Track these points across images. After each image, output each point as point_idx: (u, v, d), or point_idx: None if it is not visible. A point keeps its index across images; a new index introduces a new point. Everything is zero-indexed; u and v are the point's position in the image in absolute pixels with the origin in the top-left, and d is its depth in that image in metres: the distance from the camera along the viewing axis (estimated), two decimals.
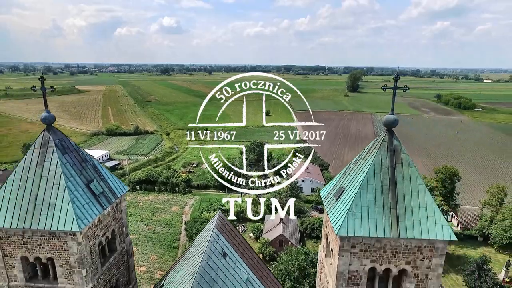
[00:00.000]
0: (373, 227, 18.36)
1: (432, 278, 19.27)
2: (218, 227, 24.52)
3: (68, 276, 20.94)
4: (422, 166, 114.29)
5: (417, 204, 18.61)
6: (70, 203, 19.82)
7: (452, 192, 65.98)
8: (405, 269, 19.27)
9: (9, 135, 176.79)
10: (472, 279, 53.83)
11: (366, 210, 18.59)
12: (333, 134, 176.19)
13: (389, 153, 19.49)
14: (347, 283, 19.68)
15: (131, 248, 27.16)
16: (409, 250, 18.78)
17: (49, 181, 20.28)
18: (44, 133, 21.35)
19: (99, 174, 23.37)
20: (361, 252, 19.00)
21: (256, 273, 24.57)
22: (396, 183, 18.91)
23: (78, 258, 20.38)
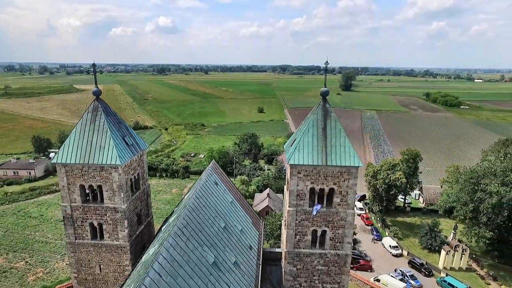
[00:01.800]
0: (310, 159, 28.73)
1: (350, 194, 29.74)
2: (212, 168, 34.88)
3: (111, 198, 31.11)
4: (400, 155, 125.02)
5: (339, 144, 29.01)
6: (114, 147, 29.99)
7: (415, 171, 76.69)
8: (333, 188, 29.70)
9: (14, 130, 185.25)
10: (425, 239, 64.58)
11: (306, 148, 28.97)
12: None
13: (323, 113, 29.90)
14: (296, 198, 30.07)
15: (149, 190, 37.37)
16: (335, 174, 29.18)
17: (99, 133, 30.44)
18: (94, 102, 31.48)
19: (130, 132, 33.58)
20: (304, 176, 29.39)
21: (238, 200, 34.90)
22: (326, 131, 29.32)
23: (118, 184, 30.57)
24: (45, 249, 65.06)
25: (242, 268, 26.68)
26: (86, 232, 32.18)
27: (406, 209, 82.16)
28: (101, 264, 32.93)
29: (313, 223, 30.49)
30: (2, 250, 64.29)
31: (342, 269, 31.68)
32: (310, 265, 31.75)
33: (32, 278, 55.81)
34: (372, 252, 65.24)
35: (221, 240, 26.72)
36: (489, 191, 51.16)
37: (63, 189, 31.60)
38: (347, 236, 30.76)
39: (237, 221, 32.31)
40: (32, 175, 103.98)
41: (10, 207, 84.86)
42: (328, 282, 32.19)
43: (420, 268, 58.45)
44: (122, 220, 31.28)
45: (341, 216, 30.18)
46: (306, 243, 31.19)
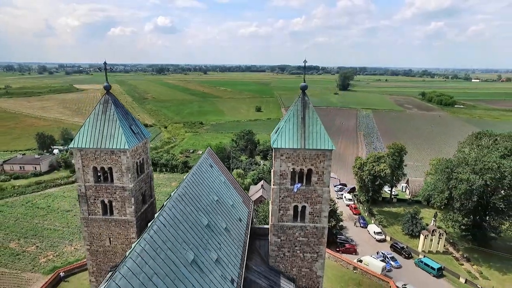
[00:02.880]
0: (291, 143, 33.58)
1: (325, 174, 34.61)
2: (208, 153, 39.78)
3: (120, 178, 35.88)
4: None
5: (315, 131, 33.88)
6: (122, 134, 34.77)
7: (400, 164, 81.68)
8: (311, 168, 34.55)
9: (17, 128, 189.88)
10: (407, 225, 69.59)
11: (288, 134, 33.84)
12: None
13: (302, 104, 34.76)
14: (279, 178, 34.93)
15: (152, 174, 42.19)
16: (312, 157, 34.03)
17: (110, 122, 35.22)
18: (105, 95, 36.27)
19: (135, 122, 38.41)
20: (286, 158, 34.24)
21: (231, 182, 39.74)
22: (305, 120, 34.18)
23: (126, 166, 35.36)
24: (54, 235, 69.86)
25: (232, 234, 31.47)
26: (98, 208, 36.94)
27: (392, 200, 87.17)
28: (111, 237, 37.69)
29: (294, 199, 35.32)
30: (14, 236, 69.07)
31: (320, 240, 36.51)
32: (292, 237, 36.58)
33: (43, 260, 60.64)
34: (358, 238, 70.22)
35: (214, 209, 31.48)
36: (461, 178, 56.14)
37: (78, 170, 36.36)
38: (323, 211, 35.61)
39: (229, 197, 37.14)
40: (37, 170, 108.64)
41: (18, 199, 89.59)
42: (308, 251, 37.02)
43: (401, 251, 63.46)
44: (129, 198, 36.06)
45: (318, 193, 35.03)
46: (288, 217, 36.02)
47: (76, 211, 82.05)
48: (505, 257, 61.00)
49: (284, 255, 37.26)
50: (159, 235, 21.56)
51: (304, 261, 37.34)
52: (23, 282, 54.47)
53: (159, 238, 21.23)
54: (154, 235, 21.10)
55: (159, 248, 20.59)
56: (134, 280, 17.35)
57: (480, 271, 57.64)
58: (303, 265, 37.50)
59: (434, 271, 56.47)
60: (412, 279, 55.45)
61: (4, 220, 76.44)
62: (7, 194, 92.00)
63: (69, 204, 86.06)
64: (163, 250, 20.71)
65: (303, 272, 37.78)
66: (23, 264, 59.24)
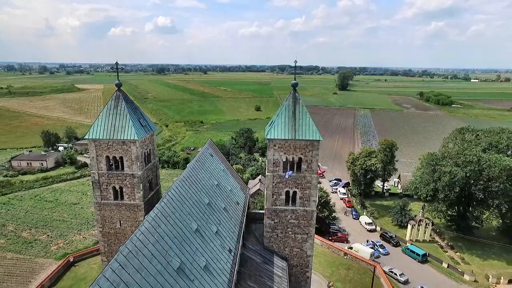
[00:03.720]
0: (283, 134, 37.64)
1: (314, 162, 38.67)
2: (208, 144, 43.90)
3: (130, 167, 39.93)
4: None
5: (305, 123, 37.94)
6: (132, 126, 38.82)
7: (391, 159, 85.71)
8: (301, 157, 38.61)
9: (21, 127, 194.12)
10: (396, 216, 73.68)
11: (280, 126, 37.90)
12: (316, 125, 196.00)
13: (293, 99, 38.84)
14: (273, 166, 38.99)
15: (158, 164, 46.26)
16: (302, 147, 38.08)
17: (121, 115, 39.27)
18: (116, 92, 40.32)
19: (143, 116, 42.48)
20: (279, 148, 38.30)
21: (230, 171, 43.85)
22: (295, 114, 38.25)
23: (136, 156, 39.42)
24: (63, 226, 73.96)
25: (229, 213, 35.48)
26: (110, 194, 40.95)
27: (384, 194, 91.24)
28: (121, 220, 41.72)
29: (286, 185, 39.33)
30: (25, 226, 73.18)
31: (309, 222, 40.52)
32: (284, 219, 40.60)
33: (54, 248, 64.76)
34: (350, 228, 74.32)
35: (214, 192, 35.50)
36: (444, 171, 60.20)
37: (93, 159, 40.39)
38: (312, 196, 39.64)
39: (227, 183, 41.21)
40: (44, 166, 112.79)
41: (27, 193, 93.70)
42: (299, 233, 41.04)
43: (390, 240, 67.57)
44: (138, 184, 40.08)
45: (308, 179, 39.05)
46: (281, 201, 40.03)
47: (82, 204, 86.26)
48: (486, 244, 65.05)
49: (277, 236, 41.31)
50: (168, 207, 25.59)
51: (295, 241, 41.39)
52: (37, 267, 58.56)
53: (169, 209, 25.21)
54: (165, 206, 25.14)
55: (169, 216, 24.61)
56: (150, 236, 21.32)
57: (462, 258, 61.71)
58: (294, 245, 41.55)
59: (419, 257, 60.58)
60: (398, 264, 59.52)
61: (15, 212, 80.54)
62: (16, 189, 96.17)
63: (75, 198, 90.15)
64: (172, 218, 24.72)
65: (295, 252, 41.84)
66: (36, 251, 63.35)
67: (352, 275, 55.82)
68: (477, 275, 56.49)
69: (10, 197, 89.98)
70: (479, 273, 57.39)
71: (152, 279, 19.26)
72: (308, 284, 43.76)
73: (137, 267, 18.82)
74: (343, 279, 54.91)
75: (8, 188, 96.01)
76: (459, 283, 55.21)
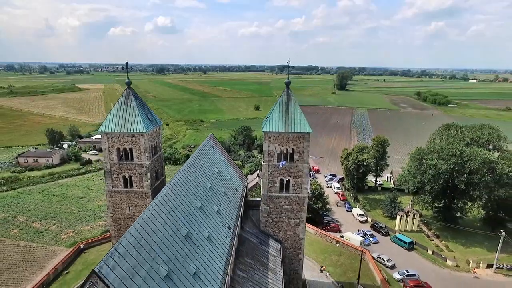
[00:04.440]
0: (277, 127, 41.79)
1: (304, 152, 42.84)
2: (210, 137, 48.11)
3: (139, 157, 44.06)
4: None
5: (297, 118, 42.10)
6: (141, 121, 42.95)
7: (383, 155, 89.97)
8: (293, 148, 42.77)
9: (25, 126, 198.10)
10: (387, 208, 77.93)
11: (274, 120, 42.05)
12: (314, 124, 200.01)
13: (286, 96, 43.00)
14: (268, 156, 43.15)
15: (163, 156, 50.40)
16: (294, 138, 42.24)
17: (131, 110, 43.41)
18: (126, 89, 44.46)
19: (150, 112, 46.62)
20: (274, 140, 42.45)
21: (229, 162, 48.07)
22: (288, 109, 42.41)
23: (144, 147, 43.55)
24: (71, 217, 78.07)
25: (229, 197, 39.60)
26: (120, 182, 45.05)
27: (377, 189, 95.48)
28: (130, 206, 45.82)
29: (280, 174, 43.47)
30: (36, 218, 77.27)
31: (301, 207, 44.64)
32: (279, 205, 44.73)
33: (64, 236, 68.90)
34: (343, 219, 78.55)
35: (216, 178, 39.64)
36: (429, 164, 64.43)
37: (105, 151, 44.51)
38: (304, 183, 43.79)
39: (227, 172, 45.35)
40: (50, 163, 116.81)
41: (35, 187, 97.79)
42: (292, 217, 45.18)
43: (380, 230, 71.81)
44: (146, 173, 44.19)
45: (299, 168, 43.20)
46: (275, 189, 44.16)
47: (89, 198, 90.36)
48: (469, 234, 69.26)
49: (272, 220, 45.49)
50: (177, 186, 29.73)
51: (288, 225, 45.57)
52: (49, 253, 62.68)
53: (177, 188, 29.32)
54: (173, 185, 29.28)
55: (177, 194, 28.74)
56: (163, 208, 25.40)
57: (447, 245, 65.99)
58: (288, 229, 45.74)
59: (406, 245, 64.83)
60: (387, 251, 63.74)
61: (24, 205, 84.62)
62: (24, 183, 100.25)
63: (82, 192, 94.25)
64: (179, 196, 28.84)
65: (288, 235, 46.02)
66: (47, 240, 67.47)
67: (343, 261, 60.02)
68: (459, 261, 60.72)
69: (19, 191, 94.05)
70: (461, 259, 61.63)
71: (165, 241, 23.39)
72: (300, 266, 47.97)
73: (153, 229, 22.95)
74: (334, 264, 59.11)
75: (16, 183, 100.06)
76: (441, 268, 59.42)
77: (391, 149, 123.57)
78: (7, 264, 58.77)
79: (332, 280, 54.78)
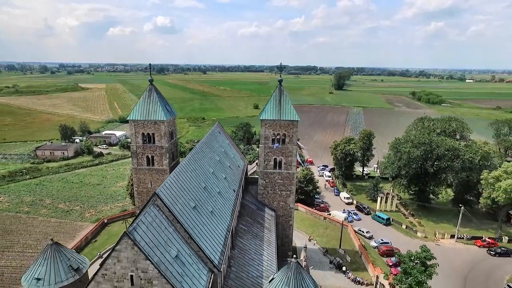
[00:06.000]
0: (271, 116, 52.09)
1: (293, 136, 53.17)
2: (217, 124, 58.53)
3: (159, 140, 54.26)
4: None
5: (287, 108, 52.39)
6: (161, 110, 53.19)
7: (369, 146, 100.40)
8: (285, 133, 53.08)
9: (35, 123, 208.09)
10: (370, 192, 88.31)
11: (269, 110, 52.36)
12: (310, 121, 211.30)
13: (279, 91, 53.32)
14: (264, 139, 53.47)
15: (177, 141, 60.63)
16: (285, 125, 52.52)
17: (153, 102, 53.63)
18: (149, 85, 54.68)
19: (168, 104, 56.88)
20: (269, 126, 52.75)
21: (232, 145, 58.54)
22: (281, 101, 52.71)
23: (164, 132, 53.78)
24: (92, 200, 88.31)
25: (233, 170, 49.84)
26: (143, 161, 55.21)
27: (364, 177, 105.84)
28: (152, 181, 55.93)
29: (274, 154, 53.76)
30: (60, 200, 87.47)
31: (291, 182, 54.85)
32: (273, 180, 54.92)
33: (88, 215, 79.17)
34: (332, 202, 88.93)
35: (222, 155, 49.80)
36: (404, 151, 74.84)
37: (132, 135, 54.72)
38: (293, 162, 53.99)
39: (231, 152, 55.65)
40: (65, 155, 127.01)
41: (54, 176, 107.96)
42: (283, 190, 55.39)
43: (363, 209, 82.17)
44: (165, 154, 54.35)
45: (290, 150, 53.45)
46: (270, 166, 54.38)
47: (105, 184, 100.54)
48: (440, 213, 79.71)
49: (268, 192, 55.80)
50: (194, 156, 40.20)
51: (281, 196, 55.89)
52: (77, 227, 72.94)
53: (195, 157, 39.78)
54: (192, 155, 39.78)
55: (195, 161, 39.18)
56: (186, 168, 35.70)
57: (420, 222, 76.40)
58: (280, 199, 56.05)
59: (384, 221, 75.28)
60: (367, 227, 74.07)
61: (48, 191, 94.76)
62: (44, 173, 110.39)
63: (97, 180, 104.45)
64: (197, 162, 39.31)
65: (281, 205, 56.33)
66: (74, 217, 77.73)
67: (328, 232, 70.37)
68: (428, 233, 71.16)
69: (41, 180, 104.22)
70: (430, 232, 72.04)
71: (191, 188, 33.71)
72: (291, 231, 58.26)
73: (184, 179, 33.32)
74: (321, 235, 69.45)
75: (37, 173, 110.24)
76: (412, 239, 69.80)
77: (380, 143, 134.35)
78: (43, 235, 69.03)
79: (319, 247, 65.15)
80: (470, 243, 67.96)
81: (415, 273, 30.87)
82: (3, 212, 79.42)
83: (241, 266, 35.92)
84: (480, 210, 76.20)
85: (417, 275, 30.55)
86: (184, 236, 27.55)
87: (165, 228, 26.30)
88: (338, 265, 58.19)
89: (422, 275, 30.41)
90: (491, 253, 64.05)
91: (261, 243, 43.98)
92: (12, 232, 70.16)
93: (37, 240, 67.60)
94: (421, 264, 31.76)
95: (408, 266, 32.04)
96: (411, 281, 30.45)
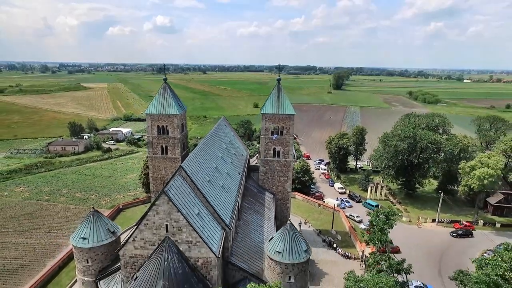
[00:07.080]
0: (271, 110, 59.60)
1: (290, 128, 60.70)
2: (223, 119, 66.11)
3: (172, 132, 61.66)
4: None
5: (285, 103, 59.90)
6: (174, 105, 60.67)
7: (362, 141, 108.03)
8: (283, 126, 60.59)
9: (43, 121, 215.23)
10: (362, 183, 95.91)
11: (269, 105, 59.87)
12: (308, 119, 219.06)
13: (277, 89, 60.85)
14: (264, 131, 60.98)
15: (187, 133, 68.09)
16: (283, 118, 60.01)
17: (167, 98, 61.09)
18: (164, 84, 62.17)
19: (179, 100, 64.36)
20: (269, 120, 60.25)
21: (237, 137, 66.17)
22: (279, 97, 60.21)
23: (177, 125, 61.23)
24: (105, 190, 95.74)
25: (238, 157, 57.37)
26: (158, 151, 62.56)
27: (358, 171, 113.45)
28: (165, 168, 63.32)
29: (273, 144, 61.24)
30: (76, 190, 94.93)
31: (288, 169, 62.29)
32: (272, 167, 62.36)
33: (103, 202, 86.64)
34: (326, 191, 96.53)
35: (229, 144, 57.34)
36: (391, 144, 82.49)
37: (148, 128, 62.09)
38: (290, 151, 61.47)
39: (236, 142, 63.25)
40: (76, 150, 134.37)
41: (67, 169, 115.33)
42: (281, 176, 62.79)
43: (354, 198, 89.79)
44: (177, 144, 61.76)
45: (287, 140, 60.89)
46: (270, 155, 61.81)
47: (116, 176, 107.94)
48: (425, 201, 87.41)
49: (268, 178, 63.27)
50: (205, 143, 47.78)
51: (279, 182, 63.35)
52: None
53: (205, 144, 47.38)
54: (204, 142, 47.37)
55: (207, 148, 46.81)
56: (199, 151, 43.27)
57: (406, 208, 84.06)
58: (279, 184, 63.51)
59: (372, 207, 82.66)
60: (357, 212, 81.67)
61: (63, 182, 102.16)
62: (57, 166, 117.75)
63: (108, 173, 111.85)
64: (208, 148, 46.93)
65: (279, 189, 63.78)
66: (91, 204, 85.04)
67: (322, 217, 77.99)
68: (412, 218, 78.86)
69: (56, 172, 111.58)
70: (414, 217, 79.73)
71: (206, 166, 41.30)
72: (288, 212, 65.71)
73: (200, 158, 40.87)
74: (316, 218, 77.07)
75: (51, 166, 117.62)
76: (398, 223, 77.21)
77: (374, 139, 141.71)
78: (64, 219, 76.53)
79: (313, 229, 72.73)
80: (449, 226, 75.60)
81: (377, 222, 38.03)
82: (26, 200, 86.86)
83: (246, 233, 43.43)
84: (460, 198, 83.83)
85: (379, 223, 37.67)
86: (202, 200, 34.98)
87: (189, 193, 33.77)
88: (330, 243, 65.76)
89: (385, 225, 37.40)
90: (453, 235, 71.81)
91: (262, 218, 51.52)
92: (36, 217, 77.61)
93: (59, 223, 75.05)
94: (385, 217, 38.81)
95: (374, 219, 39.22)
96: (375, 229, 37.63)
